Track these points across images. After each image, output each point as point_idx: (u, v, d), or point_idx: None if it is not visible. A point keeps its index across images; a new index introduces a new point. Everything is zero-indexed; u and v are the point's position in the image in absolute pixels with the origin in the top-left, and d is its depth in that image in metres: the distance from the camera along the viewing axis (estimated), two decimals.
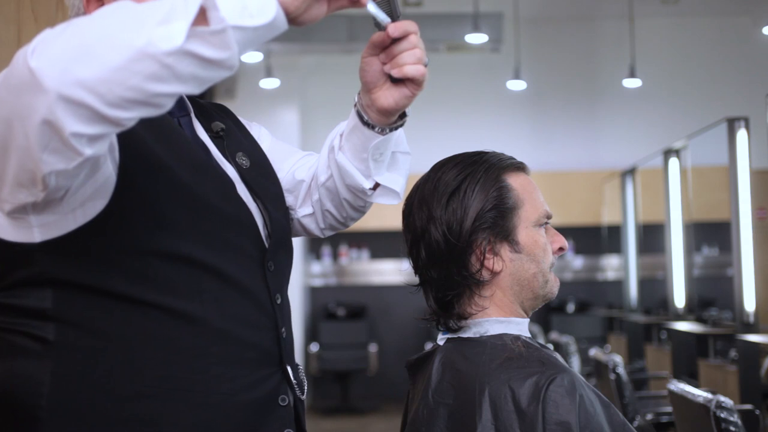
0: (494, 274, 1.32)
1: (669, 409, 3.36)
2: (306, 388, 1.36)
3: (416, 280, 1.37)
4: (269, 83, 7.25)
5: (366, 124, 1.31)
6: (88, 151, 0.99)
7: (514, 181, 1.34)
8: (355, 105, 1.32)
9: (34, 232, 1.13)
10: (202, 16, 0.96)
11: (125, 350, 1.16)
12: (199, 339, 1.19)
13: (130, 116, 0.98)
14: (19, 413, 1.16)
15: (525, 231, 1.33)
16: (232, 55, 0.97)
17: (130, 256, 1.17)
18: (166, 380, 1.17)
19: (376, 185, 1.39)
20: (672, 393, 2.83)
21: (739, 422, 2.44)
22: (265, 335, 1.27)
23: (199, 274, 1.20)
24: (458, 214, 1.30)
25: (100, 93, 0.94)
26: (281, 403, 1.27)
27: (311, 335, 8.19)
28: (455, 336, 1.35)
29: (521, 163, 1.37)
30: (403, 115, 1.33)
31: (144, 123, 1.05)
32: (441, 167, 1.35)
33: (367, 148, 1.33)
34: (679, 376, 4.71)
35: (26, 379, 1.15)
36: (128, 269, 1.17)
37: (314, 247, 8.39)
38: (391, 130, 1.33)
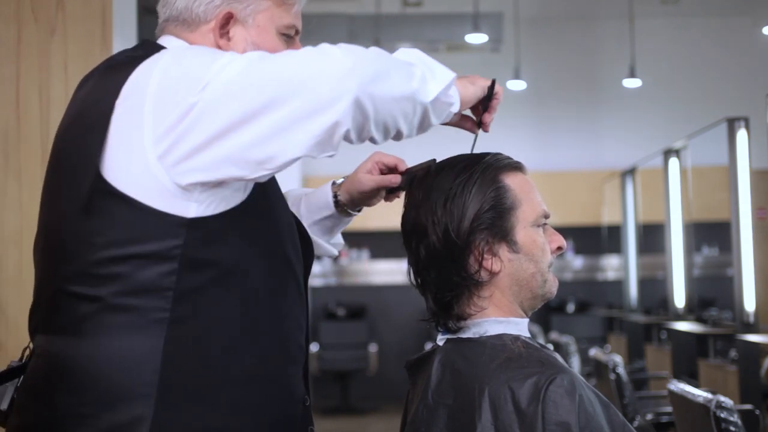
0: (493, 274, 1.32)
1: (669, 409, 3.36)
2: None
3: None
4: None
5: (347, 213, 1.59)
6: (335, 151, 1.16)
7: (511, 181, 1.34)
8: (336, 200, 1.58)
9: (191, 207, 1.19)
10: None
11: (234, 336, 1.24)
12: (283, 337, 1.31)
13: (360, 141, 1.19)
14: (122, 391, 1.17)
15: (523, 231, 1.33)
16: (434, 124, 1.28)
17: (254, 247, 1.26)
18: (262, 371, 1.26)
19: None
20: (672, 393, 2.83)
21: (739, 422, 2.44)
22: (303, 338, 1.37)
23: (289, 276, 1.33)
24: (456, 215, 1.31)
25: (378, 111, 1.15)
26: (305, 404, 1.36)
27: (311, 335, 8.18)
28: (455, 336, 1.35)
29: (518, 162, 1.37)
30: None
31: None
32: (439, 169, 1.36)
33: (336, 229, 1.62)
34: (679, 376, 4.70)
35: (135, 356, 1.18)
36: (251, 258, 1.26)
37: None
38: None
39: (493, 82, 1.41)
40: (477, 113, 1.44)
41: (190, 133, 1.14)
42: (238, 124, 1.12)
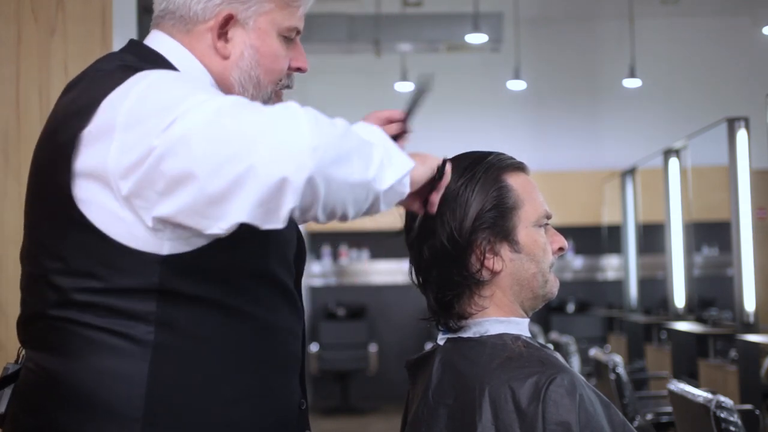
0: (494, 273, 1.32)
1: (669, 409, 3.36)
2: None
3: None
4: None
5: None
6: (281, 225, 1.10)
7: (513, 181, 1.34)
8: None
9: (165, 245, 1.16)
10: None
11: (221, 356, 1.21)
12: (275, 349, 1.28)
13: (301, 221, 1.15)
14: (112, 413, 1.15)
15: (525, 231, 1.33)
16: (381, 211, 1.21)
17: (237, 273, 1.23)
18: (253, 387, 1.23)
19: None
20: (672, 393, 2.83)
21: (739, 422, 2.44)
22: (298, 345, 1.35)
23: (277, 291, 1.29)
24: (458, 214, 1.31)
25: (329, 194, 1.09)
26: (301, 408, 1.34)
27: (311, 335, 8.19)
28: (455, 336, 1.35)
29: (521, 163, 1.37)
30: None
31: None
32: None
33: None
34: (679, 376, 4.70)
35: (121, 378, 1.16)
36: (234, 284, 1.22)
37: (314, 247, 8.39)
38: None
39: (444, 162, 1.31)
40: (423, 191, 1.32)
41: (151, 180, 1.10)
42: (193, 178, 1.07)
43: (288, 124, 1.07)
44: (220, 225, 1.09)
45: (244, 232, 1.19)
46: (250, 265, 1.25)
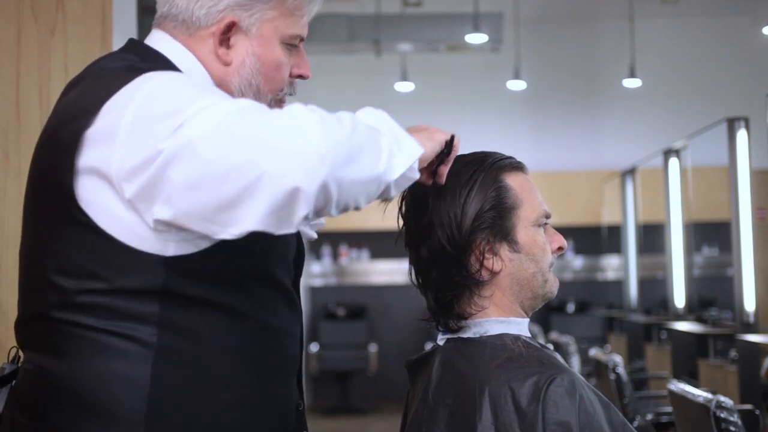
0: (493, 274, 1.32)
1: (669, 409, 3.36)
2: None
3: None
4: None
5: None
6: (294, 231, 1.10)
7: (512, 180, 1.34)
8: None
9: (170, 246, 1.15)
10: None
11: (223, 359, 1.21)
12: (275, 351, 1.28)
13: (315, 218, 1.13)
14: (114, 415, 1.14)
15: (524, 231, 1.33)
16: (393, 197, 1.21)
17: (239, 275, 1.23)
18: (253, 389, 1.23)
19: None
20: (672, 393, 2.83)
21: (739, 422, 2.44)
22: (298, 348, 1.35)
23: (276, 293, 1.29)
24: (457, 214, 1.31)
25: (342, 194, 1.09)
26: (299, 409, 1.35)
27: (311, 335, 8.19)
28: (455, 336, 1.35)
29: (519, 162, 1.37)
30: None
31: None
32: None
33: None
34: (679, 376, 4.70)
35: (124, 380, 1.15)
36: (236, 285, 1.22)
37: (314, 247, 8.38)
38: None
39: (452, 138, 1.30)
40: (431, 165, 1.32)
41: (157, 184, 1.09)
42: (201, 184, 1.07)
43: (296, 130, 1.07)
44: (230, 231, 1.09)
45: (249, 234, 1.18)
46: (251, 267, 1.25)
